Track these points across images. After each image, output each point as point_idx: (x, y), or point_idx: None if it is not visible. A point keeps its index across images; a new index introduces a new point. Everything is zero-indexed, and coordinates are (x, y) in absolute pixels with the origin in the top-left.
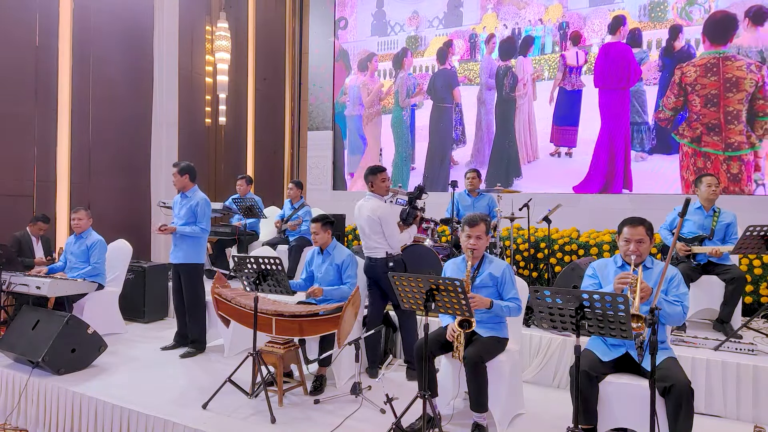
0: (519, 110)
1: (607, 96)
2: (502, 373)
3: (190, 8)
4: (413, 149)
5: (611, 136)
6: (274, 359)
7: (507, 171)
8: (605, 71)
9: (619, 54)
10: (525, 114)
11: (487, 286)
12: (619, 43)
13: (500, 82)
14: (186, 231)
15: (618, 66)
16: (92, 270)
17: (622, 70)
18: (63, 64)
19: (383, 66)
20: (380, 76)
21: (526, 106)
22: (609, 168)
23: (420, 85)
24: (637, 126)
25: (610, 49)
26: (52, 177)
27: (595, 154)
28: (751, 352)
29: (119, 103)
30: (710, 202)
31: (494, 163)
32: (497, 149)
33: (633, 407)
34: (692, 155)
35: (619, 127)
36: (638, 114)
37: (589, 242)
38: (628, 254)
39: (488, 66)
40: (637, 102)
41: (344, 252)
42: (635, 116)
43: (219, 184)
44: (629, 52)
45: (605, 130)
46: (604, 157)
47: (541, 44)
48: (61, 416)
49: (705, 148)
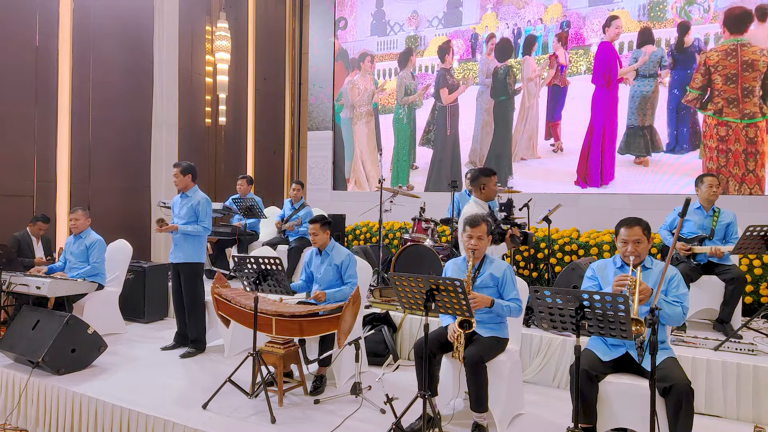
0: (518, 109)
1: (600, 93)
2: (502, 373)
3: (190, 8)
4: (414, 149)
5: (603, 133)
6: (274, 359)
7: (504, 170)
8: (600, 69)
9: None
10: (524, 113)
11: (487, 286)
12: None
13: (500, 82)
14: (188, 230)
15: (613, 64)
16: (92, 270)
17: (615, 69)
18: (63, 65)
19: (381, 66)
20: (380, 76)
21: (525, 105)
22: (603, 165)
23: (423, 84)
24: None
25: (610, 47)
26: (52, 177)
27: (586, 151)
28: (751, 352)
29: (119, 104)
30: (710, 202)
31: (491, 162)
32: (495, 148)
33: (633, 407)
34: (715, 125)
35: (611, 124)
36: (643, 114)
37: (589, 242)
38: (626, 255)
39: (486, 66)
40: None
41: (343, 252)
42: (645, 117)
43: (219, 184)
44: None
45: (598, 126)
46: (595, 155)
47: (542, 43)
48: (61, 416)
49: (725, 117)
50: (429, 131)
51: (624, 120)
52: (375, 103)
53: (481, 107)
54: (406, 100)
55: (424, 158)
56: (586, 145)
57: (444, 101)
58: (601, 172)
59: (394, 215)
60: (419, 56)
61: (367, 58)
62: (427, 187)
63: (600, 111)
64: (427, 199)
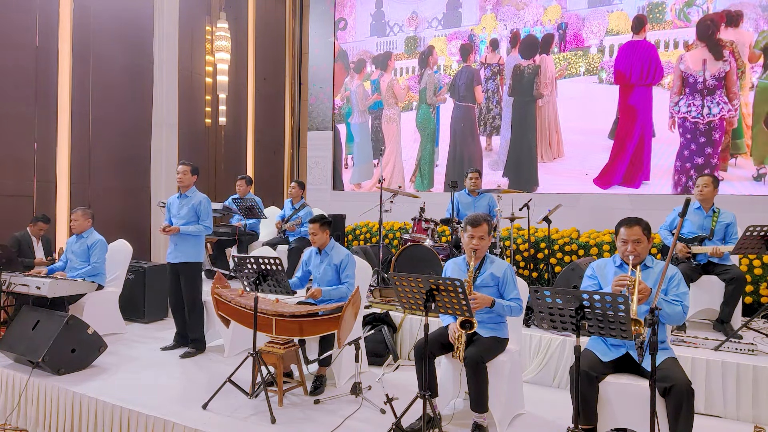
0: (541, 109)
1: (629, 92)
2: (502, 373)
3: (190, 8)
4: (437, 147)
5: (633, 131)
6: (274, 359)
7: (528, 170)
8: (627, 68)
9: (645, 51)
10: (547, 113)
11: (488, 286)
12: (643, 41)
13: (522, 81)
14: (190, 230)
15: (640, 63)
16: (92, 269)
17: (644, 68)
18: (63, 65)
19: (400, 64)
20: (398, 74)
21: (548, 105)
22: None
23: (444, 83)
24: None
25: (636, 46)
26: (52, 177)
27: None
28: (751, 352)
29: (119, 104)
30: (707, 202)
31: (512, 164)
32: (515, 149)
33: (633, 407)
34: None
35: (639, 121)
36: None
37: (589, 242)
38: (626, 255)
39: (509, 64)
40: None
41: (342, 252)
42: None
43: (219, 184)
44: (653, 51)
45: (624, 124)
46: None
47: (541, 44)
48: (61, 416)
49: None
50: (451, 130)
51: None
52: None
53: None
54: (434, 99)
55: (446, 157)
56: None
57: (469, 99)
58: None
59: (394, 215)
60: (418, 57)
61: (392, 56)
62: (446, 188)
63: (631, 109)
64: (427, 199)
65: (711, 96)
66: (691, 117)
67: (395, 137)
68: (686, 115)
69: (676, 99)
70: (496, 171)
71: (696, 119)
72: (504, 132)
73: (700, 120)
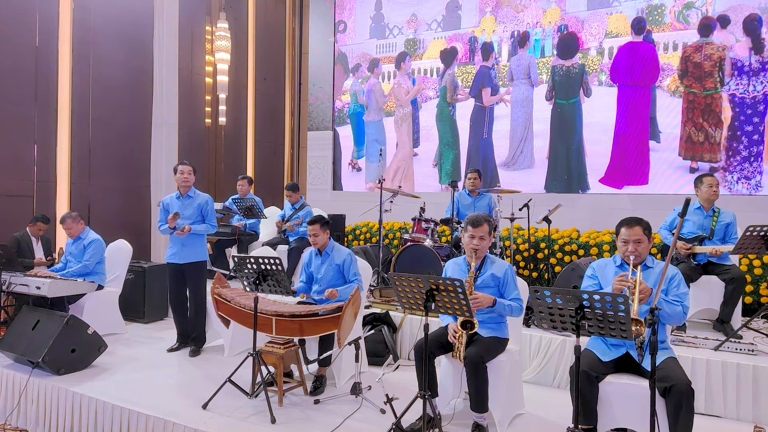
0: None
1: (629, 92)
2: (502, 373)
3: (190, 8)
4: (458, 147)
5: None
6: (274, 359)
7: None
8: (625, 68)
9: (646, 52)
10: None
11: (488, 286)
12: (642, 43)
13: (568, 81)
14: (200, 230)
15: (640, 64)
16: (83, 268)
17: (644, 68)
18: (63, 65)
19: (417, 64)
20: (383, 79)
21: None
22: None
23: (459, 84)
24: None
25: (637, 47)
26: (52, 177)
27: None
28: (751, 352)
29: (119, 104)
30: (710, 202)
31: (552, 167)
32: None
33: (633, 407)
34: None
35: (637, 122)
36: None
37: (589, 242)
38: (627, 255)
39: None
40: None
41: (343, 252)
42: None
43: (219, 184)
44: (652, 51)
45: (622, 125)
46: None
47: (541, 47)
48: (61, 416)
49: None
50: (468, 129)
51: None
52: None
53: (521, 108)
54: (455, 98)
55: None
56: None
57: (484, 102)
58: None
59: (394, 215)
60: (417, 59)
61: (406, 58)
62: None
63: (629, 110)
64: (427, 199)
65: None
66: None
67: (408, 136)
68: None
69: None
70: (509, 171)
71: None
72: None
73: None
